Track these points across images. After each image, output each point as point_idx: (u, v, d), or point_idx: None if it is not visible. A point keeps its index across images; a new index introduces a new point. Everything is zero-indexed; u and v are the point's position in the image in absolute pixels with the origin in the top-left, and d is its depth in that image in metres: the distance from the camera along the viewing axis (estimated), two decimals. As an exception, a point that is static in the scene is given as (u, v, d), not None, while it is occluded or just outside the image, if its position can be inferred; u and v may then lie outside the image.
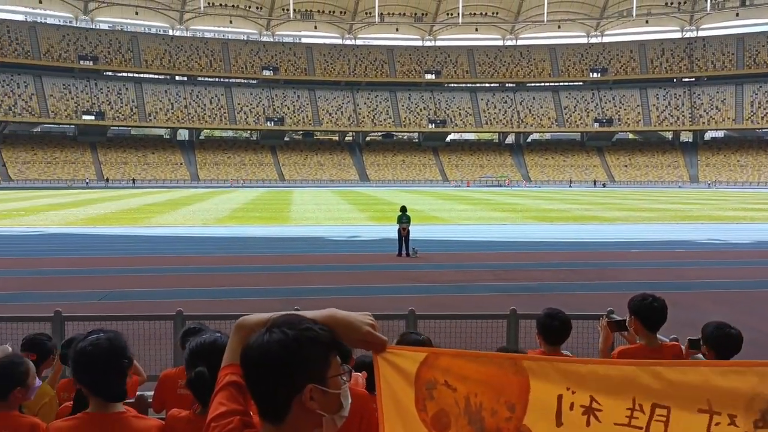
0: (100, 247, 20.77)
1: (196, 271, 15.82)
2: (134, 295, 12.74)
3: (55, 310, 6.92)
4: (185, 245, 21.43)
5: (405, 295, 12.77)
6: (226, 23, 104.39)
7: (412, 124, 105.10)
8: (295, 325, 1.39)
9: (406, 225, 18.65)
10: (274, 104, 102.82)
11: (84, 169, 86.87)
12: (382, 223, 29.09)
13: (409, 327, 7.01)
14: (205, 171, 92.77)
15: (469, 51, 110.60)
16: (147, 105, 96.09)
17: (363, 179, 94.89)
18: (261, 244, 21.93)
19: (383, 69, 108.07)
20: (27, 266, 16.51)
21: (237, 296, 12.67)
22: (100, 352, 2.19)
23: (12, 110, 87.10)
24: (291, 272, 15.79)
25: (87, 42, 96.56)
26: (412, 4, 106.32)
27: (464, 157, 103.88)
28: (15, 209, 37.66)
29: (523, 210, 39.25)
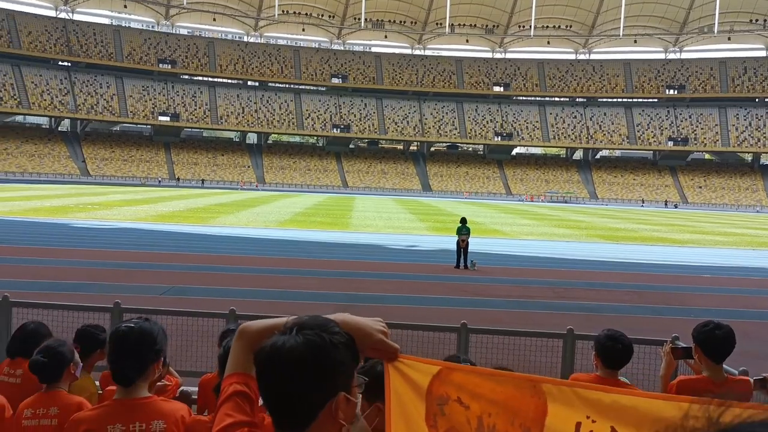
0: (166, 244, 21.43)
1: (255, 272, 16.07)
2: (194, 291, 13.03)
3: (114, 302, 7.11)
4: (246, 246, 21.84)
5: (459, 308, 12.56)
6: (299, 31, 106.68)
7: (477, 136, 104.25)
8: (327, 328, 1.31)
9: (465, 237, 18.40)
10: (341, 111, 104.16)
11: (157, 168, 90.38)
12: (441, 234, 28.87)
13: (461, 341, 6.83)
14: (271, 175, 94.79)
15: (539, 64, 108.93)
16: (219, 108, 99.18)
17: (425, 189, 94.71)
18: (320, 248, 22.11)
19: (451, 80, 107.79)
20: (97, 258, 17.18)
21: (291, 299, 12.76)
22: (127, 337, 2.20)
23: (94, 109, 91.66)
24: (347, 278, 15.81)
25: (166, 46, 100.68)
26: (484, 16, 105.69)
27: (529, 171, 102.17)
28: (90, 203, 39.49)
29: (588, 227, 38.12)
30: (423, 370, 1.47)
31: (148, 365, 2.23)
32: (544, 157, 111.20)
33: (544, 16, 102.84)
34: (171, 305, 10.68)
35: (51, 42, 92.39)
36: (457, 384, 1.45)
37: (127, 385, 2.22)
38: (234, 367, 1.47)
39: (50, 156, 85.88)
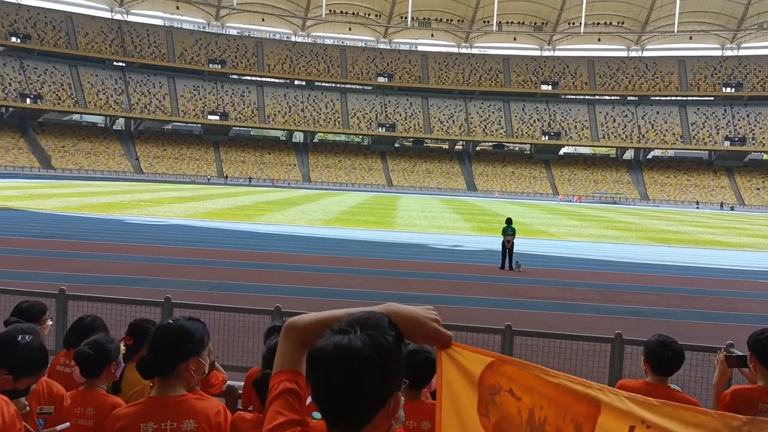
0: (214, 240, 21.89)
1: (300, 270, 16.25)
2: (240, 287, 13.27)
3: (165, 297, 7.31)
4: (292, 243, 22.11)
5: (504, 309, 12.43)
6: (346, 30, 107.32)
7: (524, 135, 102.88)
8: (384, 328, 1.31)
9: (510, 237, 18.20)
10: (387, 110, 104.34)
11: (206, 166, 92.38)
12: (486, 234, 28.62)
13: (505, 343, 6.77)
14: (317, 173, 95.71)
15: (589, 61, 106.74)
16: (267, 107, 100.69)
17: (471, 189, 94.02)
18: (364, 247, 22.21)
19: (498, 78, 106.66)
20: (149, 253, 17.69)
21: (335, 297, 12.86)
22: (165, 332, 2.23)
23: (147, 108, 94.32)
24: (391, 277, 15.84)
25: (216, 46, 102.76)
26: (532, 13, 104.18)
27: (577, 172, 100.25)
28: (143, 200, 40.66)
29: (638, 229, 37.17)
30: (475, 359, 1.47)
31: (176, 363, 2.23)
32: (593, 157, 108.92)
33: (595, 12, 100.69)
34: (218, 301, 10.91)
35: (107, 43, 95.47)
36: (509, 376, 1.45)
37: (146, 377, 2.26)
38: (282, 363, 1.46)
39: (105, 154, 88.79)
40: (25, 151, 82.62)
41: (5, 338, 2.53)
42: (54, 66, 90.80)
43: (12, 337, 2.54)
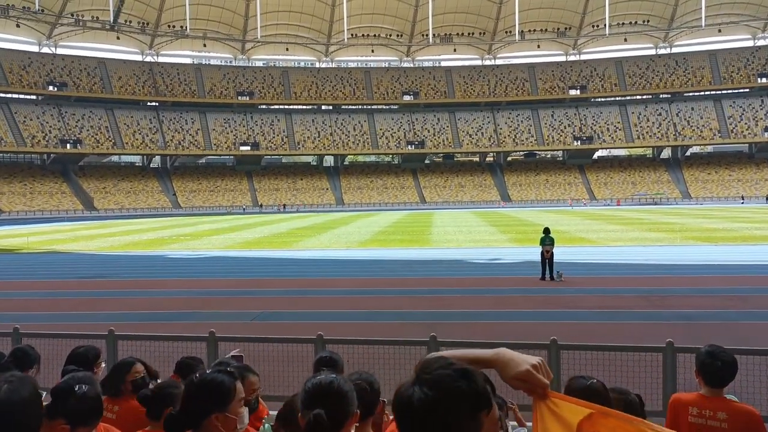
0: (253, 270, 22.14)
1: (340, 294, 16.29)
2: (282, 316, 13.36)
3: (209, 331, 7.40)
4: (330, 268, 22.21)
5: (548, 321, 12.21)
6: (368, 52, 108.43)
7: (555, 141, 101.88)
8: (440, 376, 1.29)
9: (549, 247, 17.94)
10: (415, 128, 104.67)
11: (241, 196, 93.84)
12: (524, 245, 28.28)
13: (551, 358, 6.63)
14: (350, 195, 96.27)
15: (617, 62, 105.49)
16: (296, 134, 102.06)
17: (505, 200, 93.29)
18: (401, 266, 22.17)
19: (524, 87, 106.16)
20: (190, 287, 17.98)
21: (378, 319, 12.83)
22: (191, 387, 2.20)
23: (181, 144, 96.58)
24: (431, 295, 15.75)
25: (244, 79, 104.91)
26: (555, 19, 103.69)
27: (614, 175, 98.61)
28: (183, 234, 41.45)
29: (682, 230, 36.24)
30: (573, 411, 1.41)
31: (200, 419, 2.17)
32: (629, 158, 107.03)
33: (619, 13, 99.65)
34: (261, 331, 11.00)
35: (139, 85, 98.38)
36: (610, 427, 1.38)
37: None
38: None
39: (144, 191, 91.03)
40: (69, 195, 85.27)
41: (63, 388, 2.60)
42: (91, 111, 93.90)
43: (70, 387, 2.60)
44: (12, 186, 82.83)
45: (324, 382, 2.20)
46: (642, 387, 6.14)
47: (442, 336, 7.15)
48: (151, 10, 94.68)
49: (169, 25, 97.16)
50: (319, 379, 2.23)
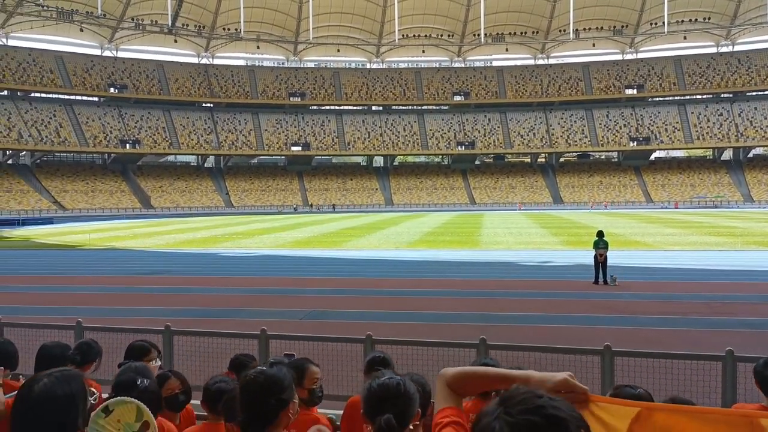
0: (304, 269, 22.41)
1: (389, 294, 16.32)
2: (332, 315, 13.47)
3: (261, 329, 7.53)
4: (379, 268, 22.28)
5: (602, 327, 11.92)
6: (419, 53, 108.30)
7: (610, 142, 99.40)
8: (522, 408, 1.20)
9: (603, 250, 17.51)
10: (465, 128, 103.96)
11: (292, 196, 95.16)
12: (576, 248, 27.71)
13: (604, 364, 6.46)
14: (399, 196, 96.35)
15: (676, 61, 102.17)
16: (346, 135, 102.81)
17: (556, 201, 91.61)
18: (451, 268, 22.04)
19: (578, 87, 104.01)
20: (242, 285, 18.34)
21: (426, 320, 12.78)
22: (257, 387, 2.25)
23: (234, 145, 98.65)
24: (481, 297, 15.60)
25: (296, 80, 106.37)
26: (611, 17, 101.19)
27: (671, 176, 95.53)
28: (235, 233, 42.32)
29: (745, 234, 34.82)
30: (620, 413, 1.34)
31: (277, 414, 2.24)
32: (688, 159, 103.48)
33: (678, 10, 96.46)
34: (311, 330, 11.12)
35: (195, 86, 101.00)
36: (660, 426, 1.31)
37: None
38: (445, 401, 1.66)
39: (199, 191, 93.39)
40: (127, 193, 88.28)
41: (126, 382, 2.68)
42: (149, 112, 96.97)
43: (132, 381, 2.69)
44: (75, 184, 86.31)
45: (391, 383, 2.22)
46: (700, 397, 5.92)
47: (492, 339, 7.06)
48: (207, 13, 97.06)
49: (224, 28, 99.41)
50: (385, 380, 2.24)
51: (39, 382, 1.98)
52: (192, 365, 7.21)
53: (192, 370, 6.90)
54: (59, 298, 16.17)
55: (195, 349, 7.59)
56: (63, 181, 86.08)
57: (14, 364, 4.35)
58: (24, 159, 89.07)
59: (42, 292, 17.38)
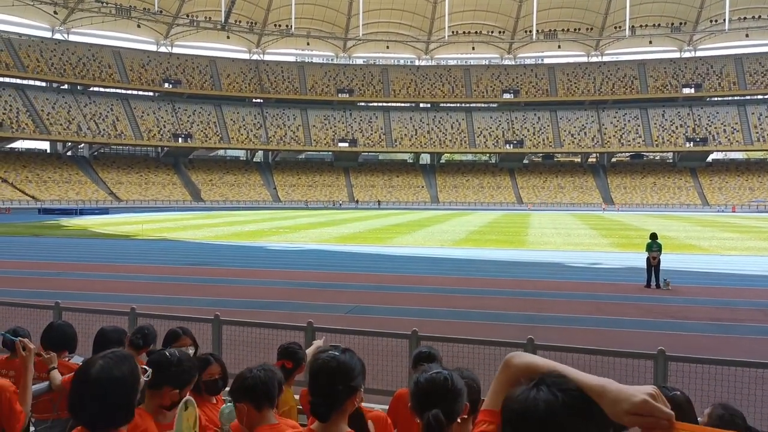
0: (348, 264, 22.54)
1: (433, 292, 16.25)
2: (376, 310, 13.51)
3: (307, 321, 7.59)
4: (424, 265, 22.22)
5: (654, 332, 11.59)
6: (469, 50, 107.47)
7: (665, 143, 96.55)
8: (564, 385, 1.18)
9: (656, 253, 17.03)
10: (514, 127, 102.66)
11: (338, 192, 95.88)
12: (627, 251, 27.03)
13: (657, 369, 6.28)
14: (445, 194, 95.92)
15: (736, 59, 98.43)
16: (394, 132, 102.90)
17: (607, 203, 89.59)
18: (496, 267, 21.80)
19: (633, 85, 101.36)
20: (288, 278, 18.56)
21: (472, 319, 12.68)
22: (329, 372, 2.27)
23: (283, 140, 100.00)
24: (527, 298, 15.38)
25: (344, 76, 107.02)
26: (668, 13, 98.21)
27: (729, 179, 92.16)
28: (282, 227, 42.89)
29: (806, 240, 33.31)
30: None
31: (345, 400, 2.26)
32: (747, 161, 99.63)
33: (740, 7, 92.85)
34: (355, 324, 11.16)
35: (246, 82, 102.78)
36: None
37: (322, 420, 2.26)
38: (494, 401, 1.41)
39: (247, 185, 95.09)
40: (179, 186, 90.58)
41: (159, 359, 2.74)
42: (201, 107, 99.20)
43: (162, 355, 2.77)
44: (129, 176, 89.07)
45: (439, 378, 2.21)
46: (756, 405, 5.70)
47: (539, 340, 6.94)
48: (259, 10, 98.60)
49: (275, 25, 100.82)
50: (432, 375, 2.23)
51: (95, 363, 2.08)
52: (240, 354, 7.34)
53: (240, 358, 7.02)
54: (114, 285, 16.71)
55: (243, 338, 7.72)
56: (118, 173, 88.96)
57: (73, 346, 4.52)
58: (82, 151, 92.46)
59: (98, 279, 17.99)
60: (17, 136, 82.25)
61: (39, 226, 43.72)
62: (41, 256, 24.59)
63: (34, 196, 75.22)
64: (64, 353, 4.41)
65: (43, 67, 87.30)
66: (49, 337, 4.45)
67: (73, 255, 25.12)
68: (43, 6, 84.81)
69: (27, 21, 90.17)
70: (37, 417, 4.10)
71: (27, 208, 68.33)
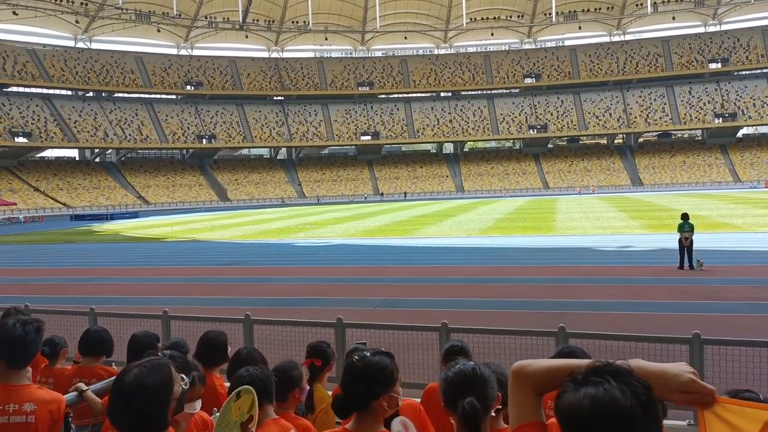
0: (376, 257, 22.58)
1: (462, 282, 16.20)
2: (405, 303, 13.51)
3: (337, 317, 7.63)
4: (451, 255, 22.15)
5: (688, 314, 11.40)
6: (488, 36, 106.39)
7: (694, 120, 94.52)
8: (633, 375, 1.16)
9: (688, 234, 16.72)
10: (537, 111, 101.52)
11: (362, 185, 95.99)
12: (658, 232, 26.59)
13: (692, 353, 6.17)
14: (470, 182, 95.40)
15: (764, 31, 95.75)
16: (415, 122, 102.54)
17: (636, 184, 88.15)
18: (525, 254, 21.64)
19: (657, 63, 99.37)
20: (316, 274, 18.67)
21: (502, 308, 12.61)
22: (356, 371, 2.28)
23: (305, 136, 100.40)
24: (556, 284, 15.24)
25: (364, 70, 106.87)
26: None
27: (761, 154, 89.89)
28: (308, 223, 43.13)
29: None
30: (750, 416, 1.19)
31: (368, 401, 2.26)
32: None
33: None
34: (385, 318, 11.18)
35: (266, 80, 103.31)
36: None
37: (341, 417, 2.29)
38: (523, 414, 1.38)
39: (272, 182, 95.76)
40: (205, 187, 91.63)
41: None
42: (223, 107, 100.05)
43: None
44: (157, 179, 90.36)
45: (466, 369, 2.23)
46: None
47: (571, 327, 6.87)
48: (276, 8, 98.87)
49: (292, 22, 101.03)
50: (460, 367, 2.24)
51: (130, 372, 2.13)
52: (272, 353, 7.40)
53: (272, 357, 7.08)
54: (146, 288, 17.00)
55: (274, 337, 7.79)
56: (146, 176, 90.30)
57: (110, 351, 4.62)
58: (110, 157, 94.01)
59: (130, 282, 18.31)
60: (46, 145, 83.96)
61: (72, 232, 44.64)
62: (76, 262, 25.12)
63: (65, 203, 76.78)
64: (101, 358, 4.53)
65: (68, 76, 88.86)
66: (87, 343, 4.56)
67: (105, 260, 25.61)
68: (65, 15, 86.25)
69: (50, 31, 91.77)
70: (77, 423, 4.20)
71: (59, 215, 69.80)
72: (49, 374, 4.85)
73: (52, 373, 4.83)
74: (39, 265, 24.60)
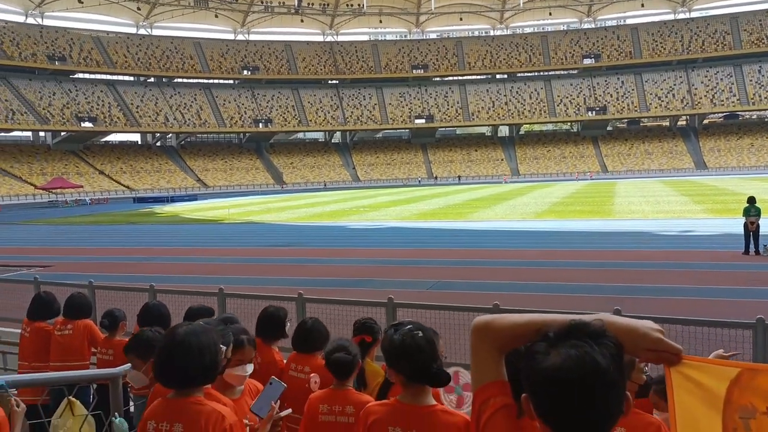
0: (430, 240, 22.53)
1: (515, 265, 15.99)
2: (458, 285, 13.44)
3: (388, 297, 7.65)
4: (505, 239, 21.88)
5: (753, 300, 10.93)
6: (545, 16, 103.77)
7: (763, 100, 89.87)
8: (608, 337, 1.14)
9: (755, 218, 15.99)
10: (596, 93, 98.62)
11: (416, 169, 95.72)
12: (722, 217, 25.54)
13: (757, 340, 5.91)
14: (525, 165, 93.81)
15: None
16: (470, 105, 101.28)
17: (700, 167, 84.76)
18: (582, 238, 21.17)
19: (725, 41, 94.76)
20: (369, 256, 18.78)
21: (556, 291, 12.39)
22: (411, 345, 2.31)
23: (360, 120, 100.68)
24: (615, 269, 14.85)
25: (418, 52, 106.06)
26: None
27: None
28: (362, 206, 43.38)
29: None
30: (716, 373, 1.19)
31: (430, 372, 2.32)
32: None
33: None
34: (437, 299, 11.16)
35: (321, 64, 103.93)
36: (765, 390, 1.15)
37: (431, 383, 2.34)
38: (488, 372, 1.33)
39: (327, 166, 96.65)
40: (262, 170, 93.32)
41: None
42: (279, 91, 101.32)
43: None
44: (215, 163, 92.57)
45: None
46: None
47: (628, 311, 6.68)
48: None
49: (347, 5, 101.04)
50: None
51: (179, 329, 2.38)
52: (323, 331, 7.49)
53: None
54: (204, 268, 17.49)
55: (326, 316, 7.87)
56: (204, 160, 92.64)
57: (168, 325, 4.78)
58: (170, 141, 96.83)
59: (189, 262, 18.88)
60: (111, 130, 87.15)
61: (135, 214, 46.33)
62: (138, 242, 26.08)
63: (128, 186, 79.66)
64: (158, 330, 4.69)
65: (130, 62, 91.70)
66: (146, 316, 4.72)
67: (166, 240, 26.48)
68: (127, 3, 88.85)
69: (113, 18, 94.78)
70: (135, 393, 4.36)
71: (123, 198, 72.49)
72: (108, 345, 5.04)
73: (111, 344, 5.02)
74: (104, 244, 25.65)
